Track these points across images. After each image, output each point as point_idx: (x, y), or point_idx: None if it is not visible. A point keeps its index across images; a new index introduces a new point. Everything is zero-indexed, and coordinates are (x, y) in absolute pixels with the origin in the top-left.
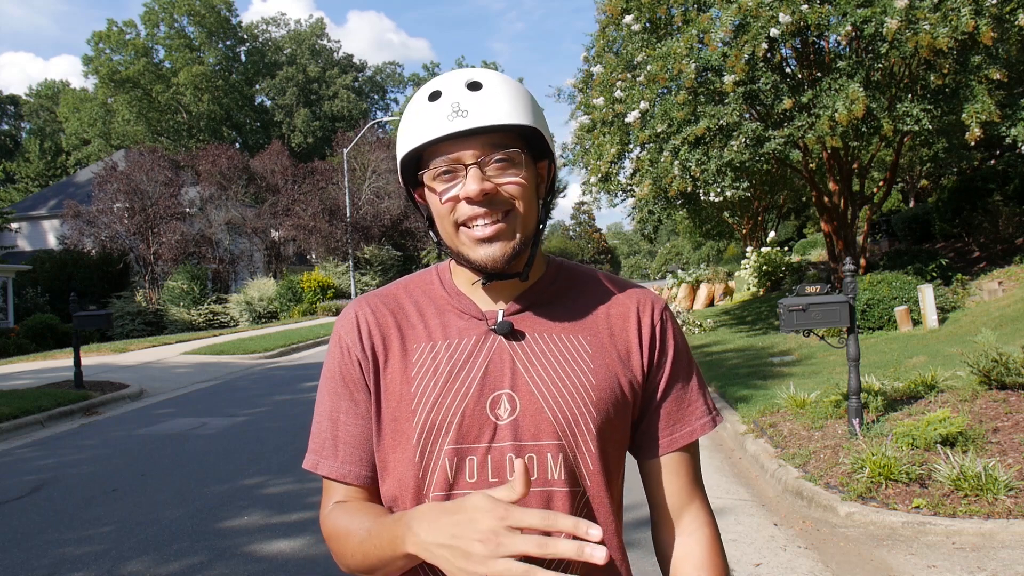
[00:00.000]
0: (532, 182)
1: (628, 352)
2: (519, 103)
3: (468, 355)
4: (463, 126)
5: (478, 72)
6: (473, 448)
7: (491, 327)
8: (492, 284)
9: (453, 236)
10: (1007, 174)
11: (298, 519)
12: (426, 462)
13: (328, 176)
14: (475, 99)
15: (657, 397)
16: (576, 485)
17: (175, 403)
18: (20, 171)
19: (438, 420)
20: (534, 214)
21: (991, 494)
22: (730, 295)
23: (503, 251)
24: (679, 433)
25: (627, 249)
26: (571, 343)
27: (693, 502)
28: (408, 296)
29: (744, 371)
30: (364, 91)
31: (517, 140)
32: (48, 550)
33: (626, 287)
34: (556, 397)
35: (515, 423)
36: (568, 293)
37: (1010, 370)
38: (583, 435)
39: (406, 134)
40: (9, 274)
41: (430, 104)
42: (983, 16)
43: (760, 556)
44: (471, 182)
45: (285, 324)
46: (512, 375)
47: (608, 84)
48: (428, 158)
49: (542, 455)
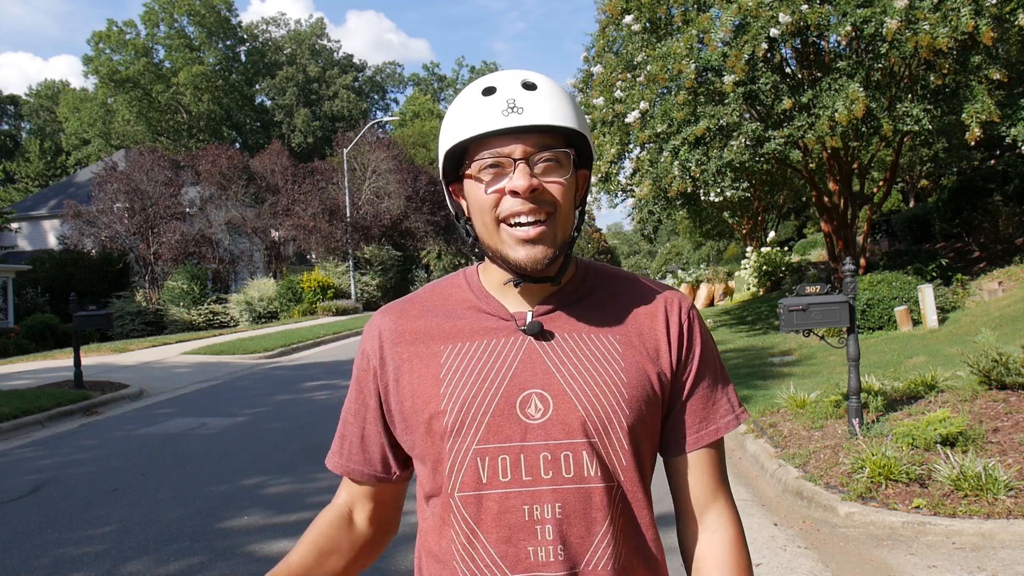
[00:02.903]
0: (573, 187)
1: (657, 350)
2: (570, 109)
3: (498, 356)
4: (518, 122)
5: (532, 74)
6: (504, 448)
7: (520, 328)
8: (522, 286)
9: (493, 232)
10: (1007, 174)
11: (298, 519)
12: (454, 461)
13: (328, 176)
14: (531, 98)
15: (684, 394)
16: (611, 481)
17: (175, 403)
18: (20, 171)
19: (467, 419)
20: (571, 220)
21: (991, 494)
22: (730, 295)
23: (544, 253)
24: (706, 431)
25: (627, 249)
26: (601, 342)
27: (717, 499)
28: (434, 300)
29: (744, 371)
30: (364, 91)
31: (564, 144)
32: (48, 550)
33: (654, 287)
34: (589, 395)
35: (548, 422)
36: (596, 294)
37: (1010, 370)
38: (616, 432)
39: (456, 125)
40: (9, 274)
41: (484, 98)
42: (983, 16)
43: (760, 556)
44: (519, 177)
45: (285, 324)
46: (543, 374)
47: (608, 84)
48: (475, 151)
49: (577, 453)
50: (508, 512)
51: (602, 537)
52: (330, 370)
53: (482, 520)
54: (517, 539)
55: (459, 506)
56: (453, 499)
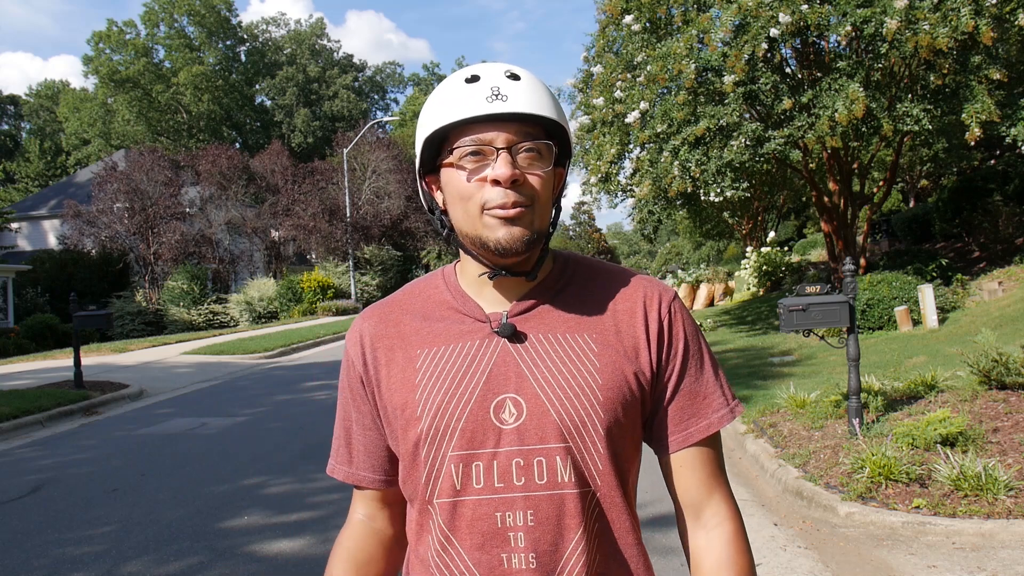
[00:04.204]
0: (552, 181)
1: (636, 348)
2: (552, 102)
3: (472, 359)
4: (503, 109)
5: (516, 67)
6: (478, 454)
7: (494, 330)
8: (497, 283)
9: (476, 218)
10: (1007, 174)
11: (298, 519)
12: (431, 468)
13: (328, 176)
14: (515, 87)
15: (668, 393)
16: (586, 486)
17: (175, 403)
18: (20, 171)
19: (442, 426)
20: (549, 212)
21: (991, 494)
22: (730, 295)
23: (523, 234)
24: (694, 428)
25: (627, 249)
26: (576, 342)
27: (713, 496)
28: (412, 302)
29: (744, 371)
30: (364, 91)
31: (545, 137)
32: (48, 550)
33: (633, 279)
34: (562, 399)
35: (521, 427)
36: (574, 290)
37: (1010, 370)
38: (591, 436)
39: (437, 112)
40: (9, 274)
41: (467, 86)
42: (983, 16)
43: (760, 556)
44: (502, 165)
45: (285, 324)
46: (516, 378)
47: (608, 84)
48: (455, 139)
49: (550, 458)
50: (481, 519)
51: (576, 544)
52: (330, 370)
53: (456, 527)
54: (490, 546)
55: (436, 512)
56: (432, 505)
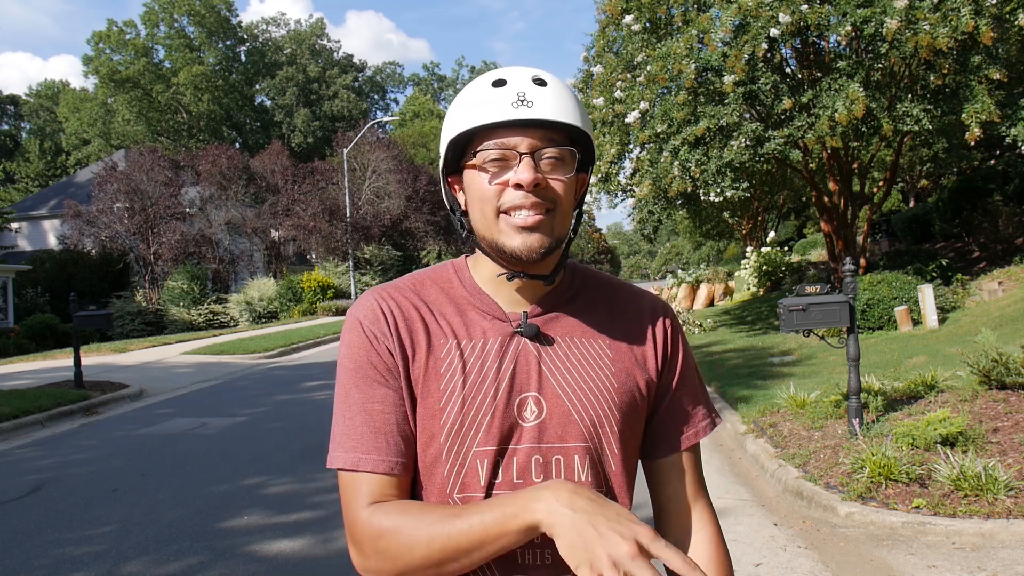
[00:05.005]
0: (574, 187)
1: (644, 357)
2: (578, 108)
3: (495, 356)
4: (528, 115)
5: (542, 72)
6: (499, 450)
7: (516, 329)
8: (513, 284)
9: (492, 222)
10: (1007, 174)
11: (298, 519)
12: (453, 461)
13: (328, 176)
14: (541, 93)
15: (666, 400)
16: (601, 486)
17: (175, 403)
18: (20, 171)
19: (467, 420)
20: (570, 219)
21: (991, 494)
22: (730, 295)
23: (540, 242)
24: (686, 434)
25: (627, 249)
26: (593, 347)
27: (698, 501)
28: (427, 290)
29: (744, 371)
30: (364, 91)
31: (569, 144)
32: (48, 550)
33: (638, 294)
34: (583, 400)
35: (541, 425)
36: (586, 298)
37: (1010, 370)
38: (607, 437)
39: (464, 115)
40: (9, 274)
41: (494, 90)
42: (983, 16)
43: (760, 556)
44: (524, 170)
45: (285, 324)
46: (538, 378)
47: (608, 84)
48: (480, 142)
49: (568, 457)
50: None
51: None
52: (330, 370)
53: None
54: None
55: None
56: (452, 499)
